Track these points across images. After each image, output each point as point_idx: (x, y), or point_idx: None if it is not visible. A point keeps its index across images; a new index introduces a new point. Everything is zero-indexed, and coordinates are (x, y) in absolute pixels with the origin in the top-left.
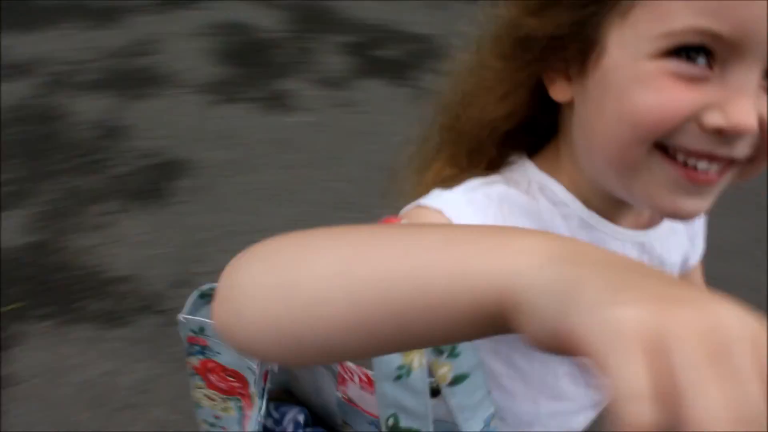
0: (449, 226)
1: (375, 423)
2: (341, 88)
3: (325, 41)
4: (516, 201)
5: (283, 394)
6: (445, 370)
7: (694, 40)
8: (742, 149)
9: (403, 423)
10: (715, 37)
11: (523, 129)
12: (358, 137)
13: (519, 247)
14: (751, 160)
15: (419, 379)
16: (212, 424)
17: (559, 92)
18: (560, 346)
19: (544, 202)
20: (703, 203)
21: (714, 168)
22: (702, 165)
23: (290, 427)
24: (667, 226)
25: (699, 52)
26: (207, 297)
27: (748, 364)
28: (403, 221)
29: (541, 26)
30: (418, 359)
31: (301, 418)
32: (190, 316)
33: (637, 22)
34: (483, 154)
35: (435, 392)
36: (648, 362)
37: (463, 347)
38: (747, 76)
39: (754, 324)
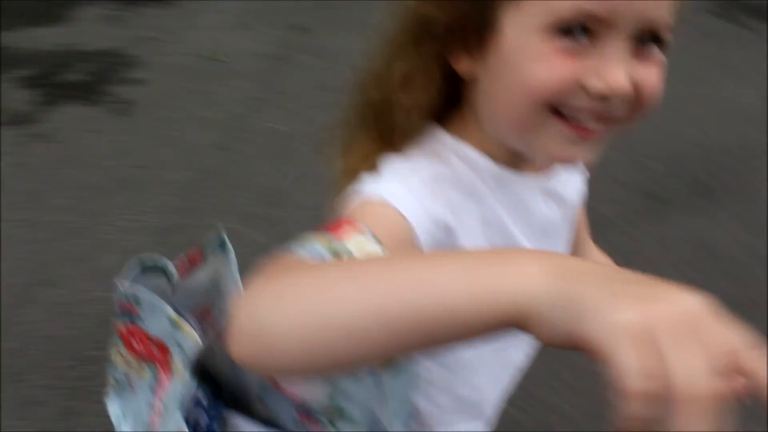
0: (456, 255)
1: (298, 406)
2: (33, 122)
3: (3, 80)
4: (443, 176)
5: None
6: None
7: (574, 19)
8: (621, 108)
9: (341, 403)
10: (591, 15)
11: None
12: (63, 165)
13: (522, 270)
14: (628, 116)
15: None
16: (118, 381)
17: (463, 68)
18: (571, 346)
19: (461, 166)
20: (591, 153)
21: (599, 124)
22: (589, 123)
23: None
24: (565, 171)
25: (579, 29)
26: (148, 269)
27: (711, 334)
28: (357, 219)
29: (444, 14)
30: None
31: (200, 394)
32: (127, 283)
33: (527, 7)
34: (403, 130)
35: None
36: (641, 350)
37: None
38: (618, 47)
39: (705, 302)
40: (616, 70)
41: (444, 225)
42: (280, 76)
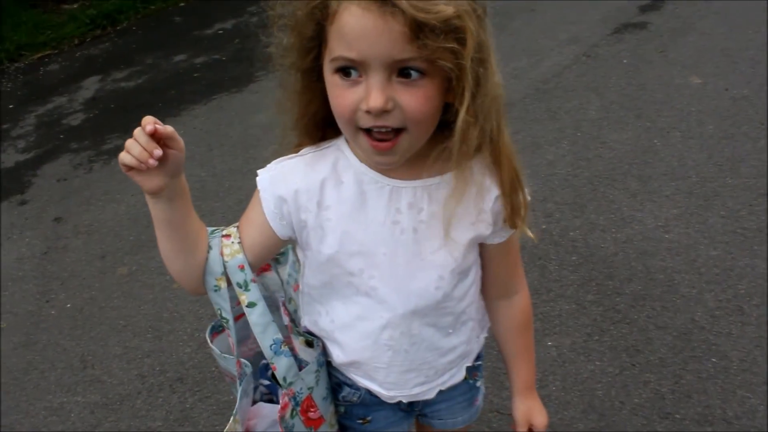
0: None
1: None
2: None
3: None
4: (301, 169)
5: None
6: (243, 297)
7: (345, 63)
8: (393, 120)
9: (223, 314)
10: (350, 60)
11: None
12: None
13: None
14: (406, 126)
15: (224, 293)
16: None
17: None
18: None
19: (338, 158)
20: (390, 158)
21: (387, 135)
22: (377, 135)
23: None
24: (453, 187)
25: (350, 69)
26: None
27: None
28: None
29: (302, 61)
30: (224, 283)
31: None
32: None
33: (326, 56)
34: (314, 137)
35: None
36: None
37: (252, 286)
38: (377, 78)
39: None
40: (373, 96)
41: (279, 197)
42: None
